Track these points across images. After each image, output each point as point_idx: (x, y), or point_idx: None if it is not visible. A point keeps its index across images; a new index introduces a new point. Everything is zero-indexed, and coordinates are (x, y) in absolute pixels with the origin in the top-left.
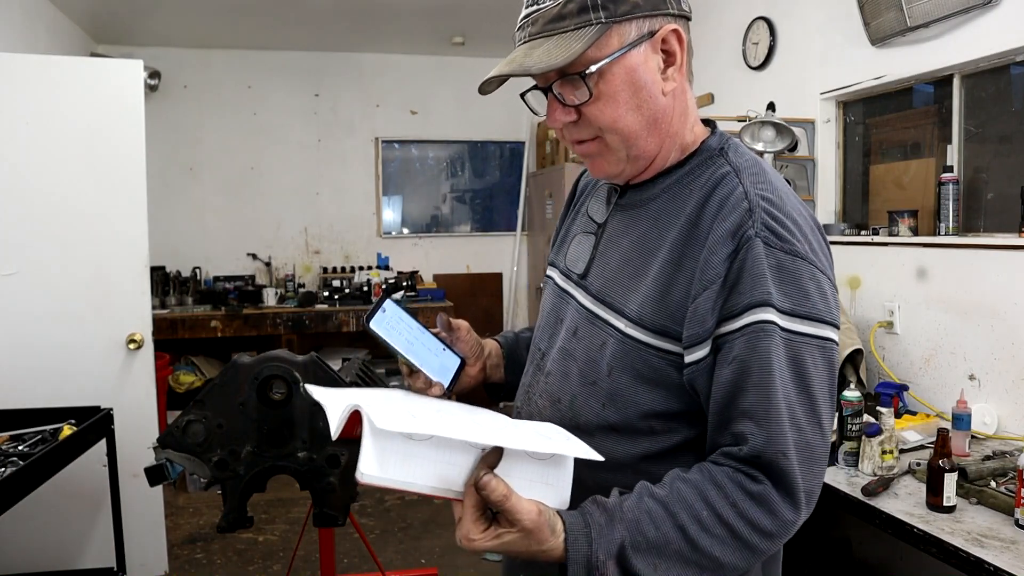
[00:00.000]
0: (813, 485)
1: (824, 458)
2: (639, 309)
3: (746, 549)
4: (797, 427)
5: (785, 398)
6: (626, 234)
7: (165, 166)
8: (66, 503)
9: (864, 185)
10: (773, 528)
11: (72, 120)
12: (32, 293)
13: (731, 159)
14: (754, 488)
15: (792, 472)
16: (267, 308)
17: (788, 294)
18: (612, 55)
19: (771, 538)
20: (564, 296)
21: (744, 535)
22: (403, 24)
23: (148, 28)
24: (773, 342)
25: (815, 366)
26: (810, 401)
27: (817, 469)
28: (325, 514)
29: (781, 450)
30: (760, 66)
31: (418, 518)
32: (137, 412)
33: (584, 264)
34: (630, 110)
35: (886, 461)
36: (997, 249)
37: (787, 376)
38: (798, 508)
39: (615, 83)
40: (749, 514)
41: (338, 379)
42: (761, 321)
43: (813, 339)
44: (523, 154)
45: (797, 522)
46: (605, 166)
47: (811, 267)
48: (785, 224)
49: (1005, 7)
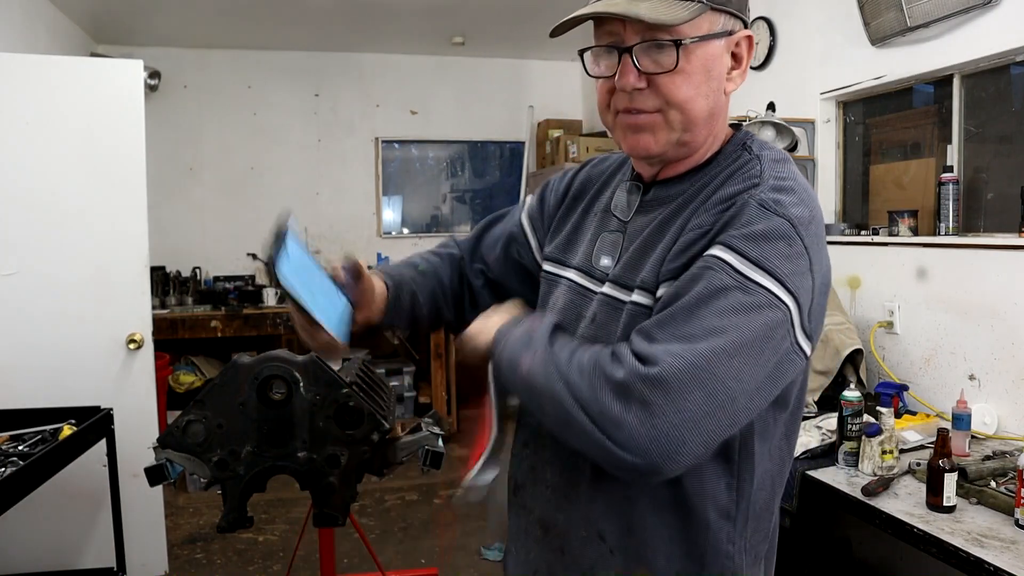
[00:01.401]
0: (686, 402)
1: (712, 401)
2: (644, 276)
3: (591, 392)
4: (705, 346)
5: (706, 319)
6: (648, 227)
7: (165, 166)
8: (66, 503)
9: (864, 185)
10: (621, 376)
11: (72, 120)
12: (32, 293)
13: (754, 150)
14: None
15: (668, 389)
16: (267, 308)
17: (759, 245)
18: (702, 36)
19: (617, 393)
20: (587, 294)
21: (593, 375)
22: (403, 24)
23: (148, 28)
24: (716, 274)
25: (761, 315)
26: (737, 337)
27: (692, 402)
28: (325, 514)
29: (669, 351)
30: (760, 66)
31: (418, 518)
32: (137, 412)
33: (613, 261)
34: (701, 94)
35: (886, 461)
36: (997, 249)
37: (721, 303)
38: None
39: (696, 64)
40: (604, 359)
41: (338, 379)
42: (711, 256)
43: (767, 293)
44: (523, 154)
45: (635, 380)
46: (651, 142)
47: (795, 233)
48: (792, 197)
49: (1005, 7)
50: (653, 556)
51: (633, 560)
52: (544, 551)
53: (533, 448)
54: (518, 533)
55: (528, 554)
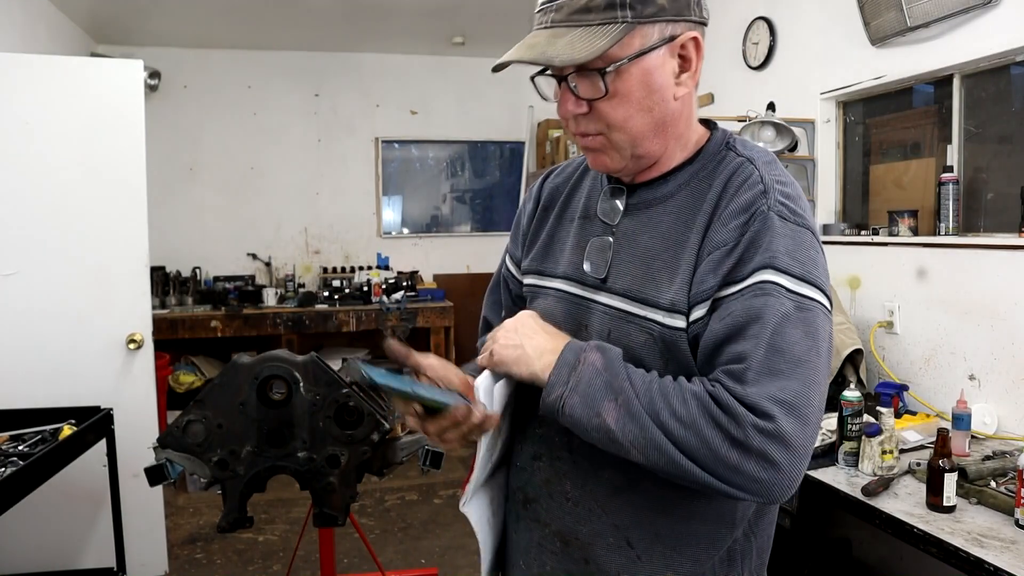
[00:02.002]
0: (805, 439)
1: (817, 422)
2: (673, 297)
3: (704, 446)
4: (799, 380)
5: (790, 350)
6: (645, 232)
7: (165, 166)
8: (66, 503)
9: (864, 185)
10: (739, 434)
11: (72, 120)
12: (32, 293)
13: (741, 151)
14: (713, 387)
15: (782, 426)
16: (267, 308)
17: (800, 259)
18: (632, 55)
19: (721, 431)
20: (583, 302)
21: (704, 428)
22: (403, 24)
23: (148, 28)
24: (777, 300)
25: (823, 328)
26: (817, 358)
27: (810, 431)
28: (325, 514)
29: (775, 397)
30: (760, 66)
31: (418, 518)
32: (137, 412)
33: (604, 268)
34: (641, 111)
35: (886, 461)
36: (997, 249)
37: (795, 331)
38: (771, 421)
39: (630, 83)
40: (712, 411)
41: (338, 379)
42: (763, 282)
43: (820, 305)
44: (523, 154)
45: (768, 441)
46: (607, 161)
47: (818, 243)
48: (798, 203)
49: (1005, 7)
50: (680, 560)
51: (660, 565)
52: (564, 562)
53: (547, 461)
54: (528, 547)
55: (543, 567)
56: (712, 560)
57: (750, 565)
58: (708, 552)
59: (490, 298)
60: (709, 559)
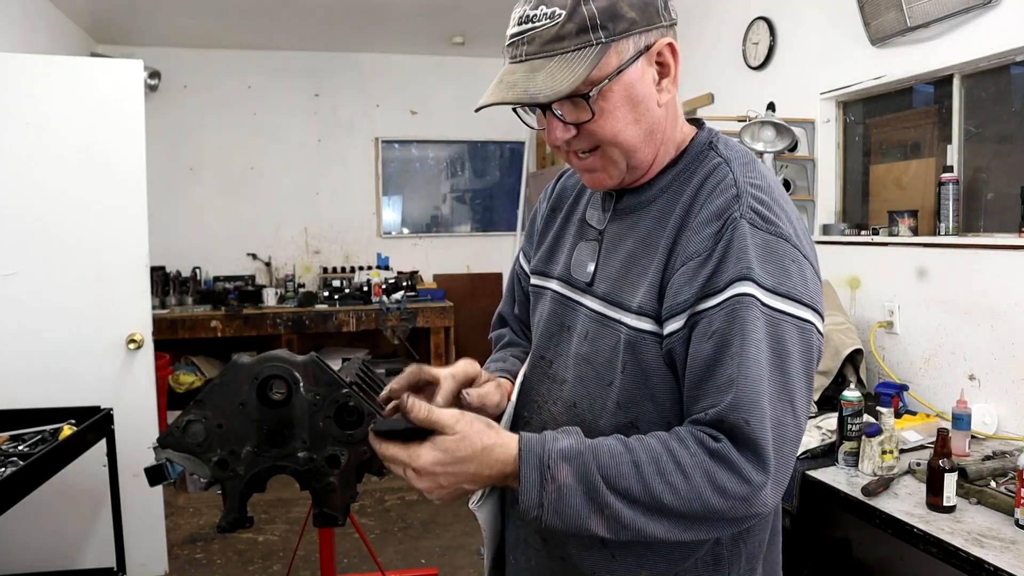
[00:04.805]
0: (782, 462)
1: (796, 440)
2: (641, 300)
3: (698, 503)
4: (769, 401)
5: (758, 370)
6: (628, 236)
7: (165, 166)
8: (66, 503)
9: (864, 185)
10: (732, 487)
11: (72, 120)
12: (32, 293)
13: (721, 151)
14: (713, 445)
15: (757, 437)
16: (267, 308)
17: (770, 272)
18: (612, 74)
19: (728, 498)
20: (569, 304)
21: (699, 488)
22: (403, 24)
23: (148, 28)
24: (752, 314)
25: (793, 344)
26: (784, 379)
27: (787, 449)
28: (325, 514)
29: (744, 416)
30: (760, 66)
31: (418, 518)
32: (137, 412)
33: (590, 271)
34: (629, 124)
35: (886, 461)
36: (997, 249)
37: (764, 350)
38: (764, 470)
39: (614, 100)
40: (706, 466)
41: (338, 379)
42: (742, 294)
43: (793, 318)
44: (523, 154)
45: (763, 489)
46: (605, 179)
47: (795, 250)
48: (772, 208)
49: (1005, 7)
50: (654, 559)
51: (633, 564)
52: (545, 559)
53: None
54: (517, 543)
55: (529, 562)
56: (691, 560)
57: (738, 570)
58: (683, 551)
59: (507, 292)
60: (685, 559)
